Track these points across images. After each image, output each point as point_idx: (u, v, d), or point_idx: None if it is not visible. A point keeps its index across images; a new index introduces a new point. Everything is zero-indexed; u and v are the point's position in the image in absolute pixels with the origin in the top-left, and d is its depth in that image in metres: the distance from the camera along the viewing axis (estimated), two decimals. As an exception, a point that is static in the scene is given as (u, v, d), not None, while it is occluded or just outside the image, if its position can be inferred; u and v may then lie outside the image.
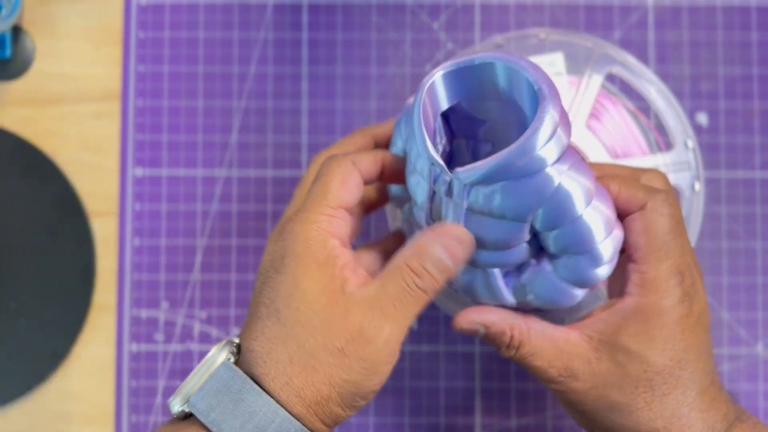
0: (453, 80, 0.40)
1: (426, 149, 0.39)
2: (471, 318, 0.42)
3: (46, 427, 0.57)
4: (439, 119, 0.42)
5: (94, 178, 0.58)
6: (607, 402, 0.40)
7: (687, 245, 0.41)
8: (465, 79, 0.40)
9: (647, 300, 0.40)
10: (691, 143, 0.53)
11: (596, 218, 0.39)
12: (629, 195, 0.41)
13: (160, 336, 0.57)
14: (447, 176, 0.39)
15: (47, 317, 0.57)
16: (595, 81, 0.53)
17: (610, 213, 0.40)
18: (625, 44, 0.58)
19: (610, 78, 0.55)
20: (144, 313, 0.57)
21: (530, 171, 0.37)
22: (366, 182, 0.42)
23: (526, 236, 0.40)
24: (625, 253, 0.42)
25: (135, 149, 0.58)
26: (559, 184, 0.37)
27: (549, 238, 0.40)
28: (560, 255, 0.40)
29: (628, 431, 0.40)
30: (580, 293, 0.42)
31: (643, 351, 0.39)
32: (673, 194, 0.41)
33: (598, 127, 0.54)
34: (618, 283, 0.43)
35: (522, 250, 0.41)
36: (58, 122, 0.58)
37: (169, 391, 0.57)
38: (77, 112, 0.58)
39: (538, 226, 0.39)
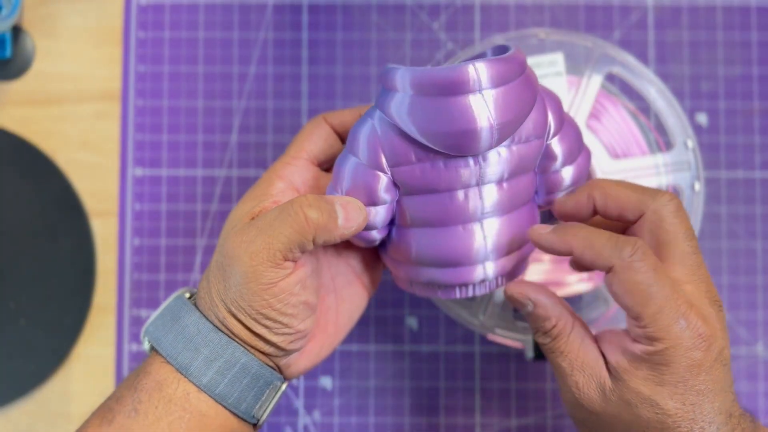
0: None
1: None
2: (525, 291, 0.42)
3: (46, 427, 0.57)
4: None
5: (94, 178, 0.58)
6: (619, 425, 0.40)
7: (703, 278, 0.40)
8: None
9: (655, 350, 0.38)
10: (691, 143, 0.53)
11: None
12: (593, 255, 0.39)
13: (160, 336, 0.57)
14: None
15: (47, 317, 0.57)
16: (595, 81, 0.53)
17: None
18: (625, 44, 0.58)
19: (610, 78, 0.55)
20: (144, 313, 0.57)
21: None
22: (344, 135, 0.45)
23: None
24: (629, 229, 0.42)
25: (135, 149, 0.58)
26: None
27: None
28: None
29: None
30: None
31: (654, 395, 0.38)
32: (641, 241, 0.39)
33: (598, 127, 0.54)
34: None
35: None
36: (58, 122, 0.58)
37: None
38: (77, 112, 0.58)
39: None
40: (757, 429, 0.40)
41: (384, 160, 0.40)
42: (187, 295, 0.44)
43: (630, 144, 0.54)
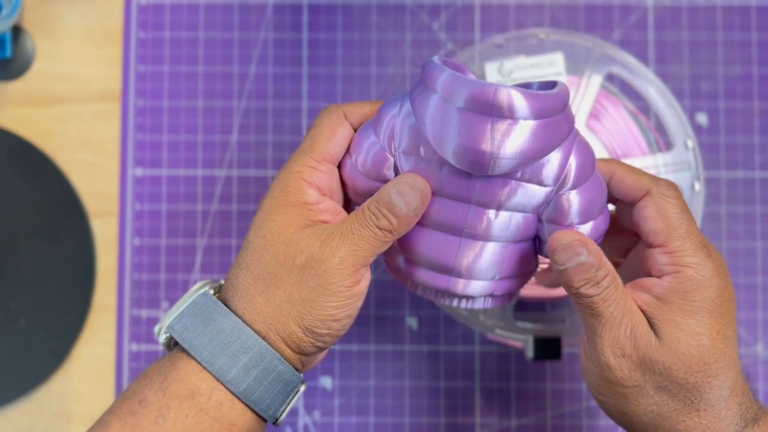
0: None
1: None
2: (582, 239, 0.40)
3: (46, 427, 0.57)
4: None
5: (94, 178, 0.58)
6: (660, 380, 0.39)
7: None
8: None
9: (684, 275, 0.39)
10: (691, 143, 0.53)
11: None
12: (634, 180, 0.41)
13: (160, 336, 0.57)
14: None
15: (47, 317, 0.57)
16: (595, 81, 0.53)
17: None
18: (625, 44, 0.58)
19: (610, 78, 0.55)
20: (144, 313, 0.57)
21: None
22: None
23: None
24: (639, 243, 0.43)
25: (135, 149, 0.58)
26: None
27: None
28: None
29: (674, 412, 0.39)
30: None
31: (691, 325, 0.39)
32: (677, 188, 0.42)
33: (598, 127, 0.54)
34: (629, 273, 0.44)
35: None
36: (58, 122, 0.58)
37: (169, 391, 0.57)
38: (77, 112, 0.58)
39: None
40: (761, 410, 0.41)
41: (395, 143, 0.41)
42: (211, 291, 0.43)
43: (630, 144, 0.54)
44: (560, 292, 0.52)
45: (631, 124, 0.54)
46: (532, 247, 0.43)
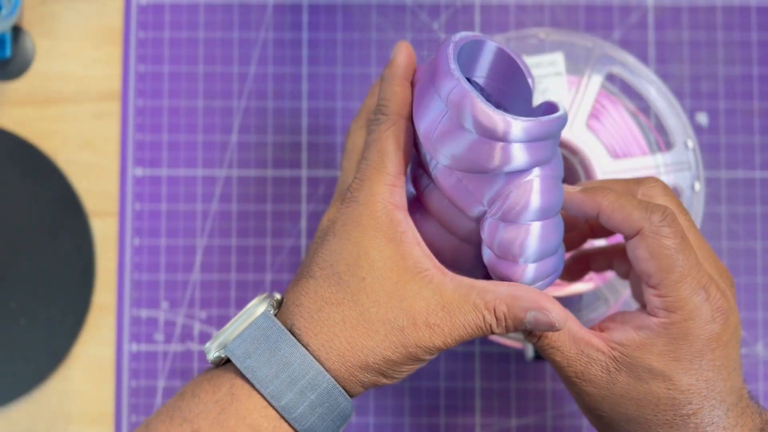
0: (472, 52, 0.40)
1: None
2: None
3: (46, 427, 0.57)
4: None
5: (94, 178, 0.58)
6: (625, 414, 0.39)
7: (706, 253, 0.40)
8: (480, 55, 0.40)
9: (672, 321, 0.38)
10: (691, 143, 0.53)
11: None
12: (623, 217, 0.38)
13: (160, 336, 0.57)
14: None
15: (47, 317, 0.57)
16: (595, 81, 0.53)
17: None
18: (625, 44, 0.58)
19: (610, 78, 0.55)
20: (144, 313, 0.57)
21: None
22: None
23: None
24: (637, 276, 0.41)
25: (135, 149, 0.58)
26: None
27: None
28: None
29: None
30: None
31: (668, 371, 0.38)
32: (670, 208, 0.39)
33: (598, 127, 0.54)
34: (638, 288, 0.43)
35: None
36: (58, 122, 0.58)
37: (169, 391, 0.57)
38: (77, 112, 0.58)
39: None
40: (764, 413, 0.40)
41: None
42: (271, 309, 0.40)
43: (630, 144, 0.54)
44: (560, 292, 0.52)
45: (632, 124, 0.54)
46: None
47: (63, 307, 0.57)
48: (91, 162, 0.58)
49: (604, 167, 0.53)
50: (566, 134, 0.53)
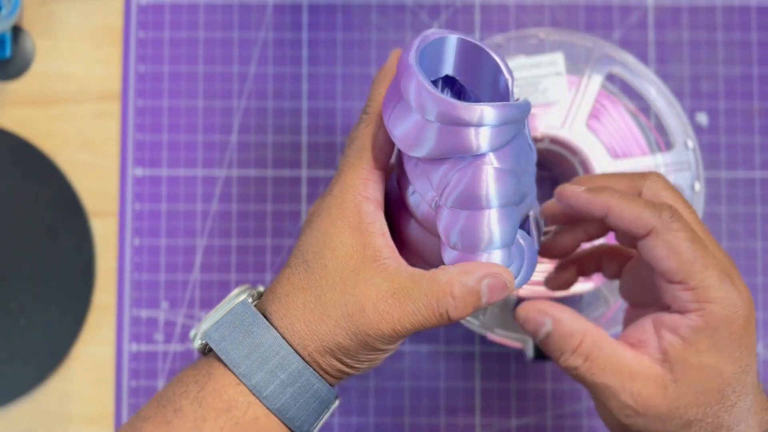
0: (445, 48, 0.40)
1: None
2: (541, 308, 0.40)
3: (46, 427, 0.57)
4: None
5: (94, 178, 0.58)
6: (680, 422, 0.38)
7: (714, 244, 0.40)
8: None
9: (710, 311, 0.37)
10: (691, 143, 0.53)
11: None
12: (633, 216, 0.38)
13: (160, 336, 0.57)
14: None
15: (47, 317, 0.57)
16: (595, 81, 0.53)
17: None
18: (625, 44, 0.58)
19: (610, 78, 0.55)
20: (144, 313, 0.57)
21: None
22: None
23: None
24: (653, 274, 0.40)
25: (135, 149, 0.58)
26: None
27: None
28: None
29: None
30: None
31: (718, 363, 0.37)
32: (676, 206, 0.39)
33: (598, 127, 0.54)
34: (631, 289, 0.43)
35: None
36: (58, 122, 0.58)
37: (169, 391, 0.57)
38: (77, 112, 0.58)
39: None
40: None
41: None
42: (250, 299, 0.41)
43: (630, 144, 0.54)
44: (561, 293, 0.52)
45: (632, 124, 0.54)
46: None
47: (63, 307, 0.57)
48: (91, 162, 0.58)
49: (604, 167, 0.53)
50: (566, 134, 0.53)
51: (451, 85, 0.42)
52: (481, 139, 0.36)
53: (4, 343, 0.57)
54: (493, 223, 0.37)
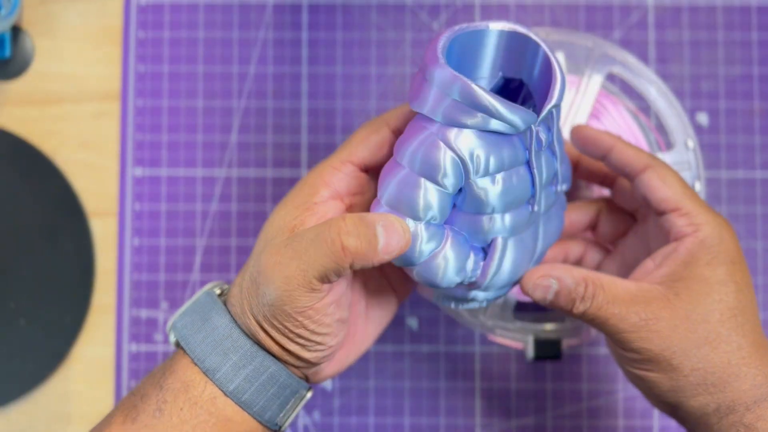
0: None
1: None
2: (545, 272, 0.41)
3: (46, 427, 0.57)
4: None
5: (94, 178, 0.58)
6: (695, 338, 0.40)
7: None
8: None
9: (705, 232, 0.41)
10: (691, 143, 0.53)
11: None
12: (635, 152, 0.43)
13: (159, 336, 0.57)
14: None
15: (47, 317, 0.57)
16: (595, 81, 0.53)
17: None
18: (625, 44, 0.58)
19: (610, 78, 0.55)
20: (144, 314, 0.57)
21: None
22: None
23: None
24: (633, 227, 0.45)
25: (135, 149, 0.58)
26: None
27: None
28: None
29: (718, 369, 0.39)
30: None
31: (720, 275, 0.40)
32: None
33: (598, 126, 0.54)
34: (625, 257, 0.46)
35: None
36: (58, 122, 0.58)
37: (169, 392, 0.57)
38: (77, 112, 0.58)
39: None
40: None
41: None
42: (218, 291, 0.43)
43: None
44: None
45: (632, 123, 0.54)
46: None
47: (63, 308, 0.57)
48: (91, 162, 0.58)
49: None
50: (567, 134, 0.53)
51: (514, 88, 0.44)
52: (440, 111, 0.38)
53: (4, 343, 0.57)
54: (431, 195, 0.39)
